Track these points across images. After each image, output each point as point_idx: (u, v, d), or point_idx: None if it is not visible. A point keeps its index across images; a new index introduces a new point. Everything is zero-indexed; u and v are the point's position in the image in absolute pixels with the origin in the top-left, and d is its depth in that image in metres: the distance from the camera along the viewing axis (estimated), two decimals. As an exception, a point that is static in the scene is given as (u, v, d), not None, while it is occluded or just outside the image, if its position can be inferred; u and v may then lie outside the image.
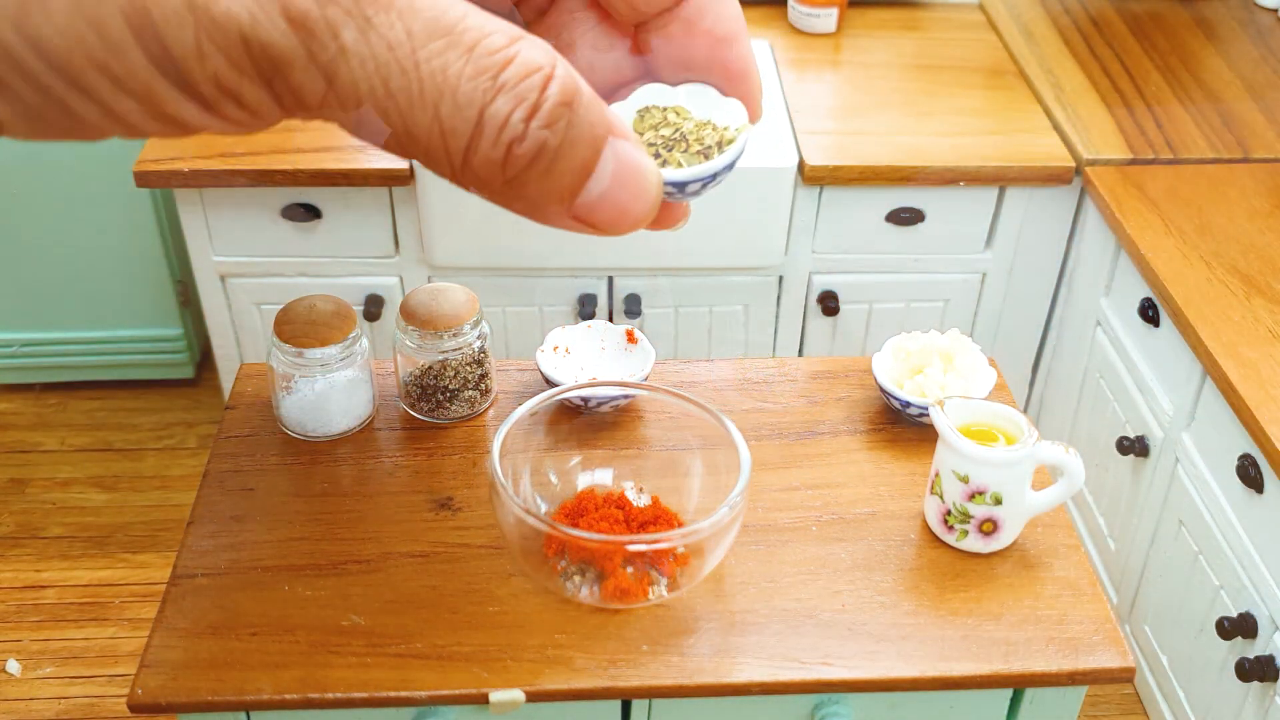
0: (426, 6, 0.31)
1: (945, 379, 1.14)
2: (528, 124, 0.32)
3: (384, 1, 0.31)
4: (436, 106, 0.32)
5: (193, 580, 0.99)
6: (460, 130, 0.32)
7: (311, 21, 0.30)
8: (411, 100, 0.31)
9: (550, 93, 0.32)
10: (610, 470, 1.08)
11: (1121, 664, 0.96)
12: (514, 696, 0.91)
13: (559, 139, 0.33)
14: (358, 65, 0.31)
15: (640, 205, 0.36)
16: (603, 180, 0.35)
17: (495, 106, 0.32)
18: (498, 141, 0.32)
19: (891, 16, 2.39)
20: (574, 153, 0.34)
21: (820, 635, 0.96)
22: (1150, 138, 2.03)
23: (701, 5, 0.39)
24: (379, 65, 0.31)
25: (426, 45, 0.31)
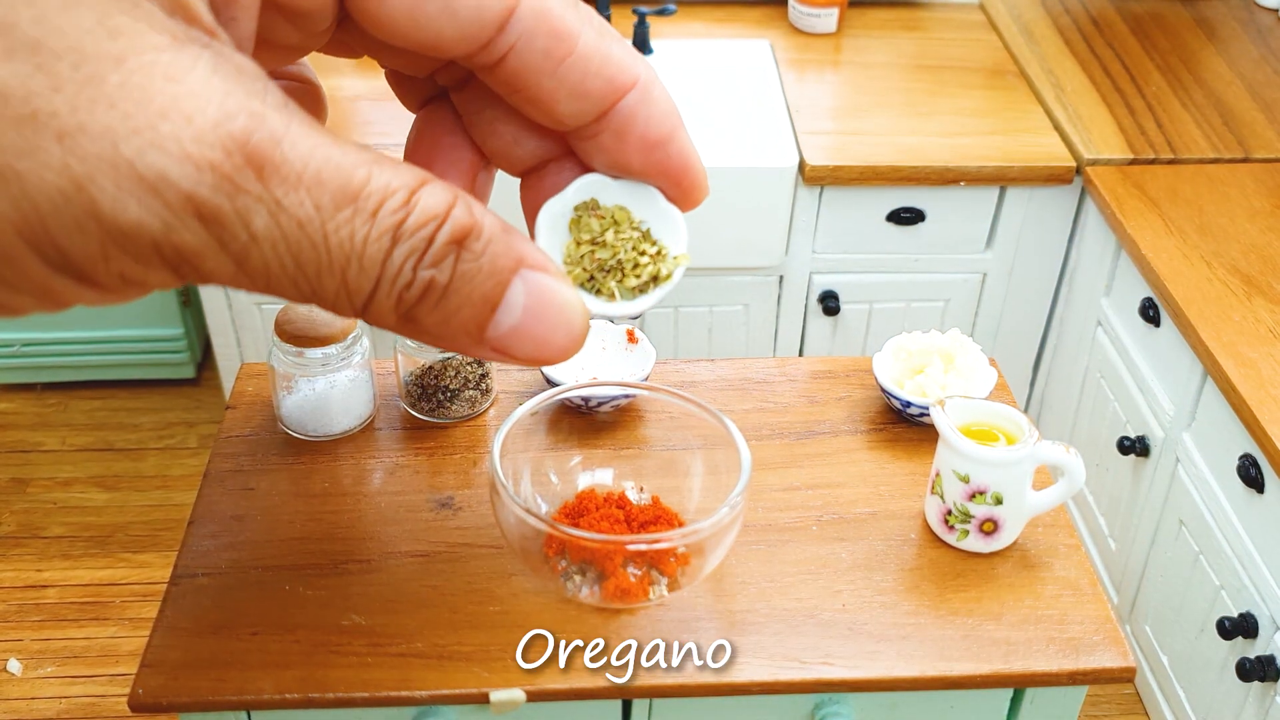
0: (333, 175, 0.31)
1: (946, 379, 1.14)
2: (416, 269, 0.33)
3: (293, 179, 0.30)
4: (344, 272, 0.32)
5: (193, 580, 0.99)
6: (363, 288, 0.32)
7: (224, 216, 0.30)
8: (320, 270, 0.32)
9: (440, 235, 0.33)
10: (611, 470, 1.08)
11: (1122, 664, 0.96)
12: (514, 696, 0.91)
13: (447, 276, 0.33)
14: (269, 248, 0.31)
15: (561, 337, 0.36)
16: (513, 313, 0.35)
17: (391, 260, 0.32)
18: (391, 291, 0.33)
19: (892, 16, 2.39)
20: (468, 288, 0.34)
21: (821, 635, 0.96)
22: (1151, 138, 2.03)
23: (630, 112, 0.38)
24: (290, 244, 0.31)
25: (335, 216, 0.31)
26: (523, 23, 0.34)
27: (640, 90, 0.38)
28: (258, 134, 0.30)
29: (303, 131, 0.31)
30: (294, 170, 0.30)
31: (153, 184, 0.29)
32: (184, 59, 0.29)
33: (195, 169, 0.29)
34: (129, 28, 0.29)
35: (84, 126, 0.28)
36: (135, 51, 0.29)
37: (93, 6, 0.29)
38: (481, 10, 0.34)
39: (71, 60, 0.28)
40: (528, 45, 0.35)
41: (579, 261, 0.42)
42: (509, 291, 0.34)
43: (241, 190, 0.30)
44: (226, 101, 0.30)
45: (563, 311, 0.35)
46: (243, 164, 0.30)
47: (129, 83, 0.28)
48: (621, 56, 0.37)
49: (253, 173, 0.30)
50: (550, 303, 0.35)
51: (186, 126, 0.29)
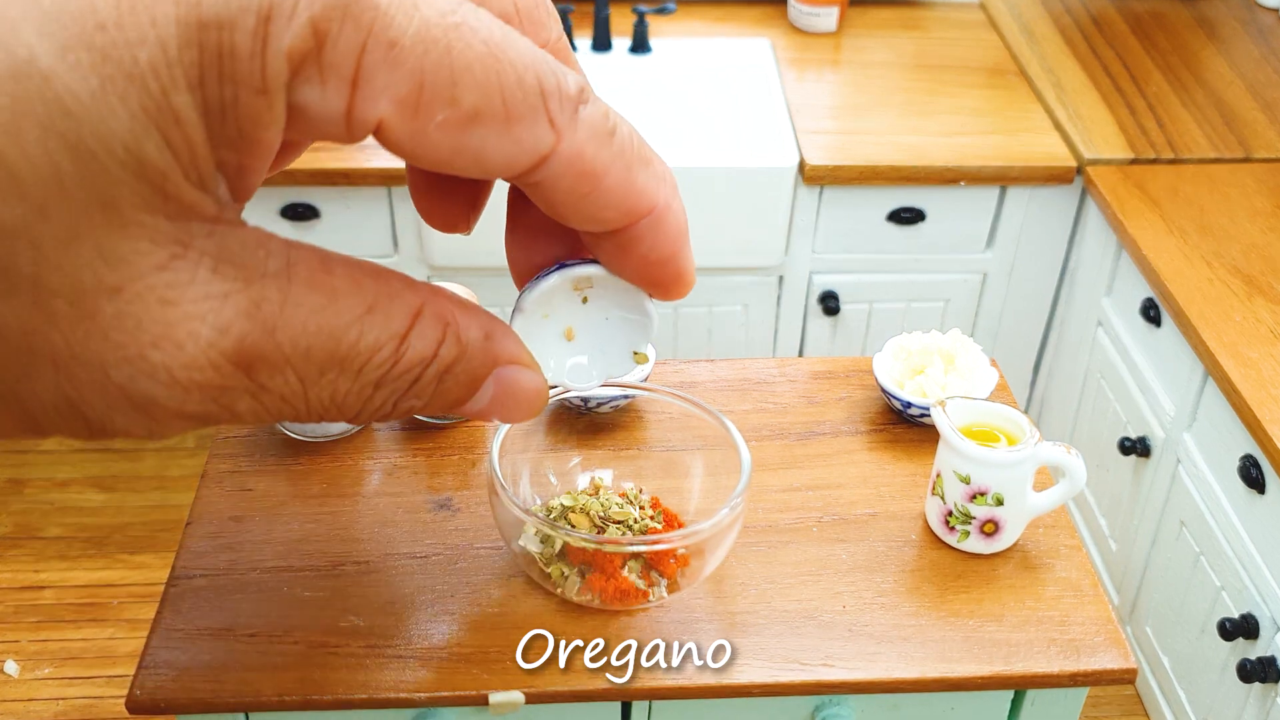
0: (321, 347, 0.32)
1: (946, 379, 1.13)
2: (396, 404, 0.35)
3: (279, 363, 0.32)
4: (321, 416, 0.34)
5: (191, 581, 0.99)
6: (336, 420, 0.35)
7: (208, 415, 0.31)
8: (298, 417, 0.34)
9: (426, 375, 0.35)
10: (610, 471, 1.07)
11: (1123, 665, 0.95)
12: (513, 698, 0.91)
13: (426, 400, 0.36)
14: (250, 418, 0.33)
15: (520, 414, 0.39)
16: (481, 401, 0.37)
17: (370, 402, 0.34)
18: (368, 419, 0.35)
19: (892, 16, 2.38)
20: (443, 398, 0.36)
21: (821, 636, 0.96)
22: (1151, 137, 2.02)
23: (639, 235, 0.38)
24: (270, 413, 0.33)
25: (318, 382, 0.33)
26: (553, 168, 0.35)
27: (654, 218, 0.38)
28: (250, 336, 0.31)
29: (298, 300, 0.32)
30: (283, 355, 0.32)
31: (141, 406, 0.30)
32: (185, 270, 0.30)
33: (183, 392, 0.30)
34: (128, 253, 0.29)
35: (78, 357, 0.29)
36: (132, 279, 0.29)
37: (92, 239, 0.29)
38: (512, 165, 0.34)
39: (68, 297, 0.29)
40: (555, 183, 0.35)
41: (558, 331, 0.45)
42: (480, 388, 0.37)
43: (227, 390, 0.31)
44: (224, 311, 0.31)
45: (525, 398, 0.38)
46: (233, 371, 0.31)
47: (124, 312, 0.29)
48: (644, 187, 0.37)
49: (242, 373, 0.31)
50: (515, 392, 0.38)
51: (177, 354, 0.30)
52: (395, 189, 1.95)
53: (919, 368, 1.15)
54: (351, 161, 1.88)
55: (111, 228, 0.29)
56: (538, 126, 0.33)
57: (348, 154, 1.89)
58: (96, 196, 0.29)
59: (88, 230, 0.29)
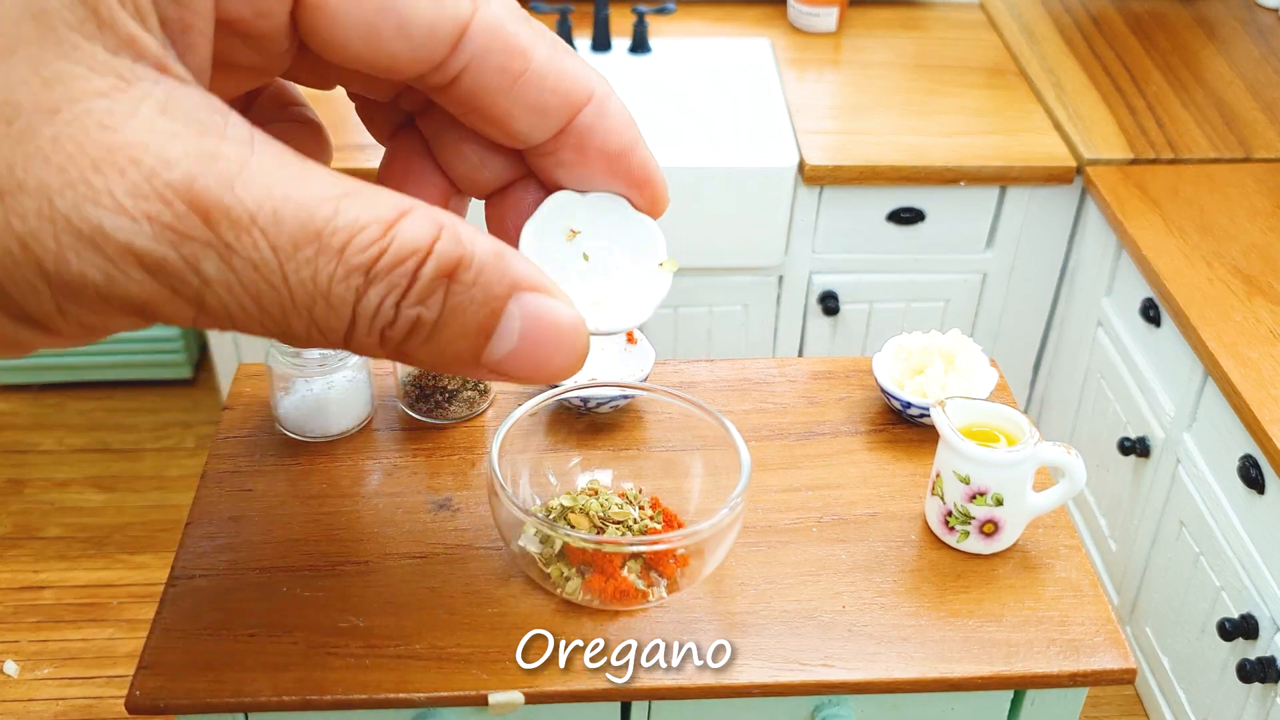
0: (292, 214, 0.30)
1: (946, 379, 1.13)
2: (398, 308, 0.32)
3: (245, 222, 0.30)
4: (310, 311, 0.31)
5: (191, 581, 0.99)
6: (336, 327, 0.32)
7: (169, 265, 0.29)
8: (284, 310, 0.31)
9: (424, 272, 0.32)
10: (610, 471, 1.07)
11: (1123, 665, 0.95)
12: (513, 698, 0.91)
13: (436, 311, 0.32)
14: (224, 291, 0.30)
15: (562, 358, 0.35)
16: (509, 339, 0.34)
17: (366, 300, 0.31)
18: (370, 329, 0.32)
19: (892, 16, 2.38)
20: (460, 320, 0.33)
21: (821, 636, 0.96)
22: (1151, 137, 2.02)
23: (588, 126, 0.37)
24: (246, 286, 0.30)
25: (294, 256, 0.30)
26: (476, 40, 0.34)
27: (596, 104, 0.37)
28: (202, 179, 0.29)
29: (263, 166, 0.30)
30: (246, 211, 0.30)
31: (90, 238, 0.28)
32: (126, 103, 0.29)
33: (131, 221, 0.29)
34: (66, 74, 0.28)
35: (22, 184, 0.28)
36: (70, 100, 0.28)
37: (28, 56, 0.28)
38: (435, 28, 0.33)
39: (5, 115, 0.28)
40: (481, 63, 0.34)
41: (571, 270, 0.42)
42: (504, 317, 0.33)
43: (187, 238, 0.29)
44: (169, 147, 0.29)
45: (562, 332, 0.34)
46: (186, 211, 0.29)
47: (62, 135, 0.28)
48: (576, 71, 0.37)
49: (198, 219, 0.29)
50: (549, 325, 0.34)
51: (120, 179, 0.28)
52: (395, 189, 1.95)
53: (919, 368, 1.15)
54: (351, 161, 1.88)
55: (46, 44, 0.28)
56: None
57: (347, 155, 1.89)
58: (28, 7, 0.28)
59: (22, 44, 0.28)
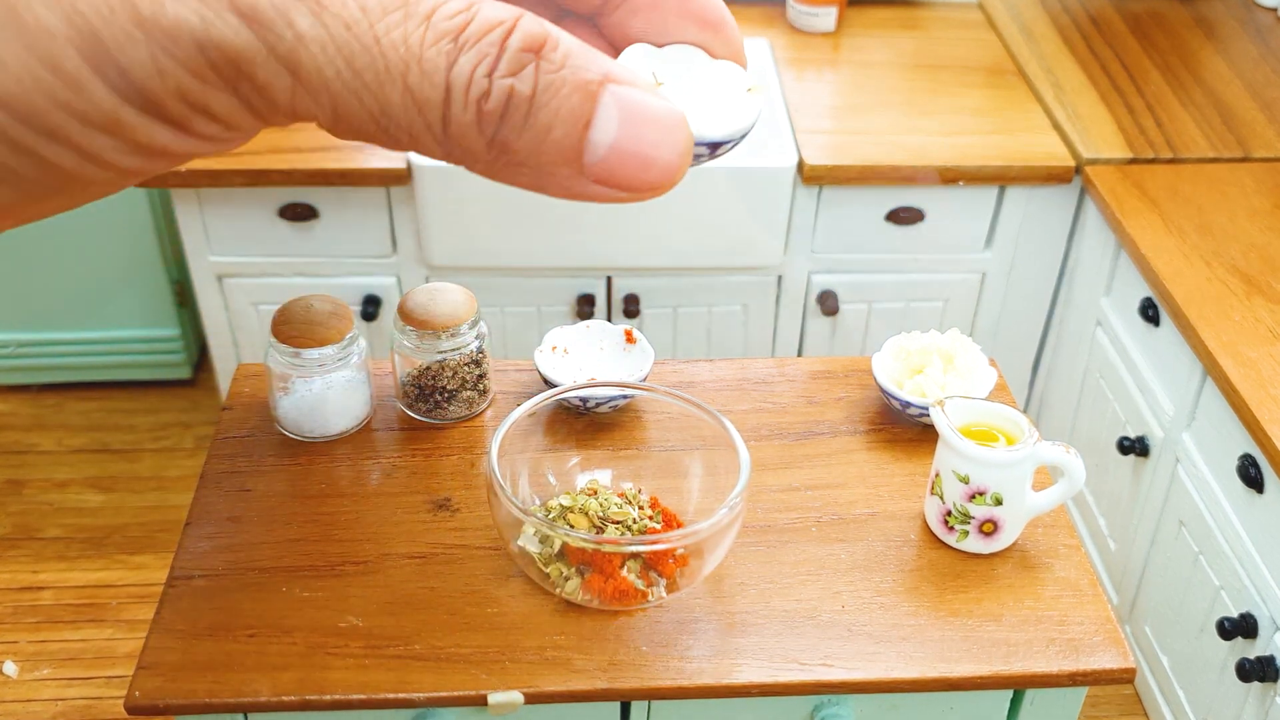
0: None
1: (945, 379, 1.13)
2: (490, 77, 0.31)
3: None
4: (404, 78, 0.31)
5: (190, 581, 0.99)
6: (432, 99, 0.31)
7: (262, 13, 0.30)
8: (379, 77, 0.31)
9: (511, 42, 0.31)
10: (609, 471, 1.07)
11: (1122, 665, 0.95)
12: (512, 698, 0.91)
13: (529, 86, 0.32)
14: (319, 51, 0.30)
15: (665, 153, 0.33)
16: (609, 130, 0.32)
17: (459, 66, 0.31)
18: (467, 102, 0.31)
19: (891, 16, 2.38)
20: (555, 101, 0.32)
21: (820, 636, 0.96)
22: (1150, 137, 2.02)
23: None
24: (339, 46, 0.30)
25: (383, 19, 0.30)
26: None
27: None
28: None
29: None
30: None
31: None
32: None
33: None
34: None
35: None
36: None
37: None
38: None
39: None
40: None
41: None
42: (600, 105, 0.32)
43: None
44: None
45: (662, 122, 0.33)
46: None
47: None
48: None
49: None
50: (647, 114, 0.33)
51: None
52: (394, 189, 1.95)
53: (918, 367, 1.15)
54: (351, 162, 1.88)
55: None
56: None
57: (347, 155, 1.89)
58: None
59: None
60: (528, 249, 2.03)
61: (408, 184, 1.93)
